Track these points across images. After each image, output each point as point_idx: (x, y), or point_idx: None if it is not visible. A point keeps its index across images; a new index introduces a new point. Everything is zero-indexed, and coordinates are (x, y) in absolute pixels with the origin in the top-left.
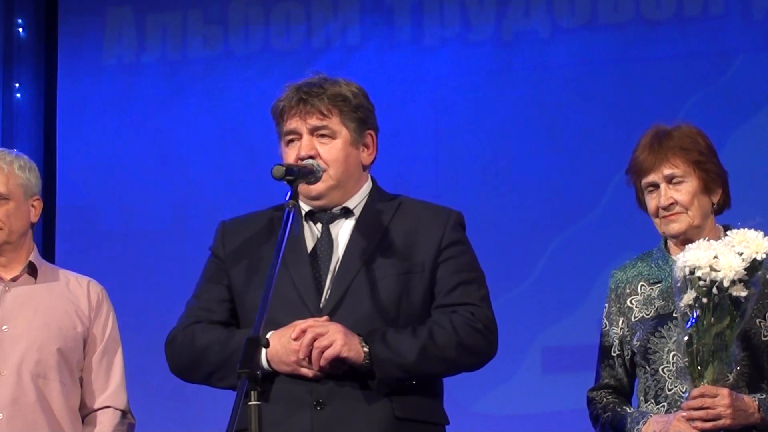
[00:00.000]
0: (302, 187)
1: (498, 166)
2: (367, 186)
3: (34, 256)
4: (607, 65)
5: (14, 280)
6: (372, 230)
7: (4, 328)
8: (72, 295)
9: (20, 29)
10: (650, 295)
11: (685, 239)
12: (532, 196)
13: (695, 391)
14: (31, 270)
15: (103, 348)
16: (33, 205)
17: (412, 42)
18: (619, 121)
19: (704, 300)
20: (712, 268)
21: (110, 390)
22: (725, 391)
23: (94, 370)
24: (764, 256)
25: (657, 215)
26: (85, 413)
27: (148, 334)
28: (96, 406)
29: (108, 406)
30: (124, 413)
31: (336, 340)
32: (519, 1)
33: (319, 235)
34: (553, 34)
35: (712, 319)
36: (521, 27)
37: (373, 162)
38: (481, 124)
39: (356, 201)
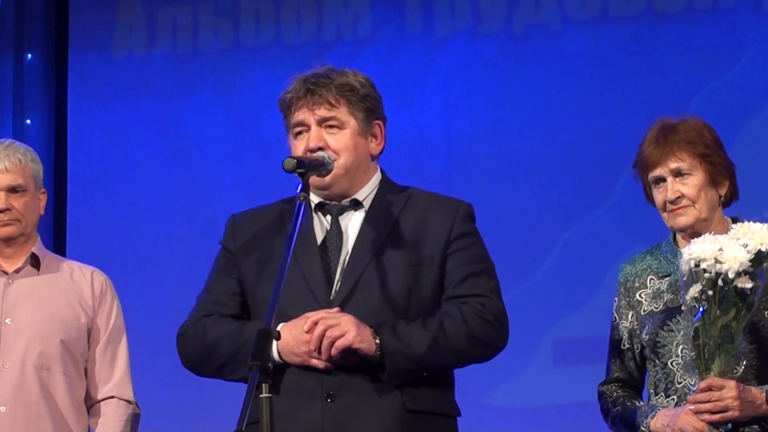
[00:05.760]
0: (312, 179)
1: (508, 159)
2: (376, 177)
3: (37, 248)
4: (617, 58)
5: (17, 272)
6: (382, 222)
7: (7, 320)
8: (75, 286)
9: (31, 21)
10: (659, 288)
11: (693, 232)
12: (543, 188)
13: (702, 384)
14: (34, 261)
15: (107, 338)
16: (40, 197)
17: (423, 35)
18: (629, 114)
19: (710, 292)
20: (717, 260)
21: (115, 380)
22: (732, 383)
23: (98, 360)
24: None
25: (664, 209)
26: (90, 404)
27: (157, 325)
28: (100, 397)
29: (112, 396)
30: (129, 403)
31: (349, 330)
32: None
33: (328, 227)
34: (564, 27)
35: (718, 311)
36: (532, 20)
37: (381, 152)
38: (492, 116)
39: (365, 193)
